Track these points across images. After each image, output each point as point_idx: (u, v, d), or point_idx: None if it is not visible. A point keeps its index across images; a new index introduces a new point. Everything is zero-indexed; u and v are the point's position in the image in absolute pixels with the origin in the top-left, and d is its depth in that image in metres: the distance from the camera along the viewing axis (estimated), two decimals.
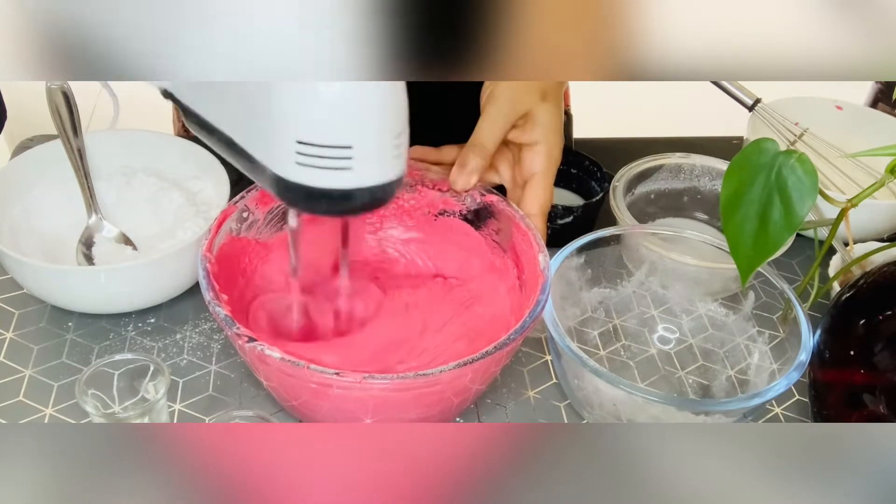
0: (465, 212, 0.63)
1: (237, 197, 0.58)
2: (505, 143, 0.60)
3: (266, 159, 0.45)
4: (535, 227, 0.58)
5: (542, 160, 0.59)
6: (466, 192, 0.60)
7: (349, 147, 0.42)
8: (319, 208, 0.45)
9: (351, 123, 0.42)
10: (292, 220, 0.52)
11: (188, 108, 0.50)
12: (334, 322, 0.58)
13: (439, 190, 0.62)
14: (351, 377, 0.46)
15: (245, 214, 0.58)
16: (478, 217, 0.62)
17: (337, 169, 0.43)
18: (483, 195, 0.61)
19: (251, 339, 0.47)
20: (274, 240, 0.61)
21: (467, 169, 0.57)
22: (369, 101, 0.42)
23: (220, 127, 0.48)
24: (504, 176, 0.62)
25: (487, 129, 0.58)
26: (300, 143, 0.42)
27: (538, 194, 0.59)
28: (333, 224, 0.56)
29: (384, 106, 0.43)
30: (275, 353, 0.47)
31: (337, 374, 0.46)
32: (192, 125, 0.51)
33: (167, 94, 0.51)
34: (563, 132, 0.61)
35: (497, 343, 0.49)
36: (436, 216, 0.64)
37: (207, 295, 0.50)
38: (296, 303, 0.57)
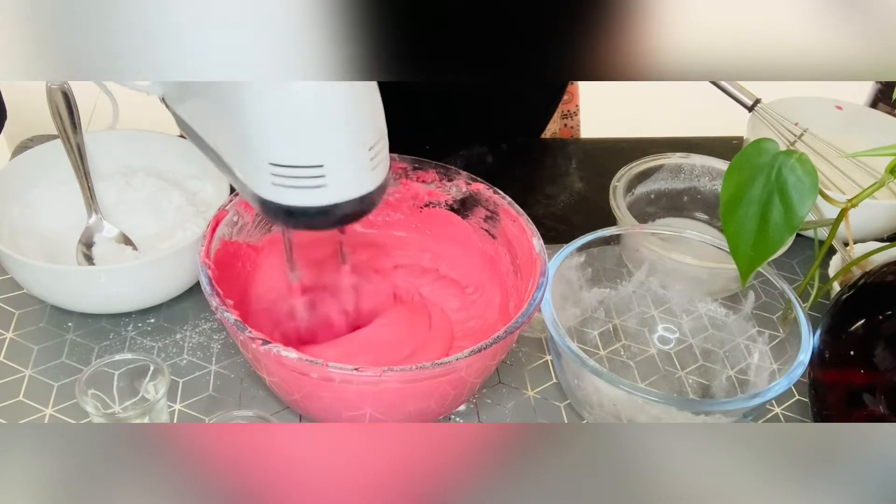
0: (450, 202, 0.63)
1: (226, 200, 0.57)
2: None
3: (245, 177, 0.45)
4: None
5: None
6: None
7: (320, 166, 0.43)
8: (299, 224, 0.46)
9: (320, 143, 0.43)
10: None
11: (180, 118, 0.50)
12: (337, 320, 0.58)
13: (423, 182, 0.62)
14: (371, 371, 0.46)
15: (235, 218, 0.57)
16: (464, 206, 0.62)
17: (311, 188, 0.43)
18: (469, 184, 0.61)
19: (265, 342, 0.47)
20: (263, 242, 0.60)
21: None
22: (336, 119, 0.42)
23: (207, 140, 0.48)
24: None
25: None
26: (273, 164, 0.42)
27: None
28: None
29: (352, 122, 0.43)
30: (291, 353, 0.46)
31: (356, 370, 0.46)
32: (185, 132, 0.51)
33: (163, 102, 0.51)
34: None
35: (508, 327, 0.49)
36: (421, 208, 0.64)
37: (213, 301, 0.49)
38: (298, 304, 0.57)
